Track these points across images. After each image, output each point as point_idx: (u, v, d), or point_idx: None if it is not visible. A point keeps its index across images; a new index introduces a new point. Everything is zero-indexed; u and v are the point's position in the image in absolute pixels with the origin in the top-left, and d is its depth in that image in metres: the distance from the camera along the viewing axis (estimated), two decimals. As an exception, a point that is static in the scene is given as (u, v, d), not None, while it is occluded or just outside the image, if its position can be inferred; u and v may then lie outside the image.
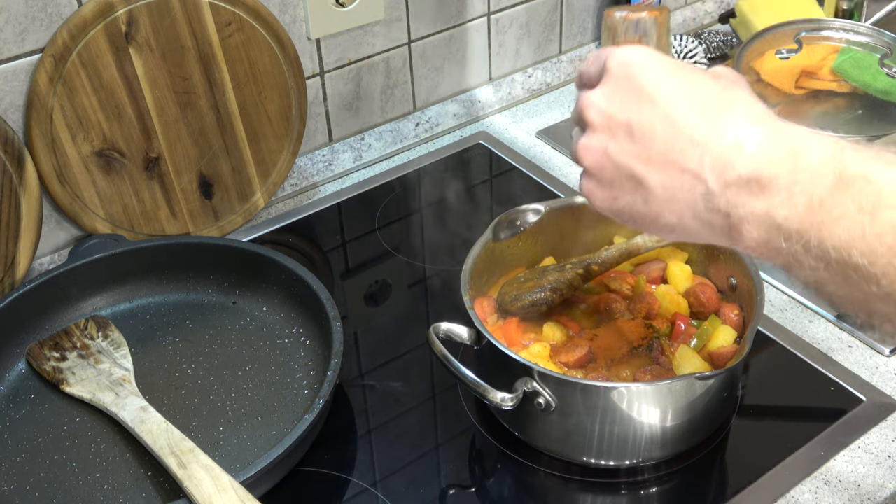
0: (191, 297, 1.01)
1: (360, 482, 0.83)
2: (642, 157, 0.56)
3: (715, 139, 0.53)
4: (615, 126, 0.57)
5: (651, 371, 0.82)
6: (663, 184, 0.56)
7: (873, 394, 0.89)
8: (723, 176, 0.53)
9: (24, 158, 0.96)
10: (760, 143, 0.53)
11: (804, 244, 0.51)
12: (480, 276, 0.90)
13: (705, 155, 0.54)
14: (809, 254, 0.51)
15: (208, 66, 1.04)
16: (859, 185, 0.50)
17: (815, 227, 0.50)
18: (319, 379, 0.89)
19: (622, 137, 0.57)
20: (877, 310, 0.52)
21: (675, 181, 0.55)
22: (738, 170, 0.52)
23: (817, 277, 0.52)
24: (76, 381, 0.90)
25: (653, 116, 0.55)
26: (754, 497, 0.80)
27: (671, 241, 0.72)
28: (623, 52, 0.58)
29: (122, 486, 0.81)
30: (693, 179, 0.54)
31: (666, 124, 0.55)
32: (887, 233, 0.49)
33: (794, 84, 1.27)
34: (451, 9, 1.24)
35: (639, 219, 0.59)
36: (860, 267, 0.50)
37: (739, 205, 0.53)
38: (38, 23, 0.95)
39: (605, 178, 0.58)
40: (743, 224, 0.53)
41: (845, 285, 0.51)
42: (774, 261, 0.54)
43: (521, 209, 0.93)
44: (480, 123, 1.33)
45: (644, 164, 0.56)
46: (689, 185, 0.55)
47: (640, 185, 0.57)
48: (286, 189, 1.20)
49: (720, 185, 0.53)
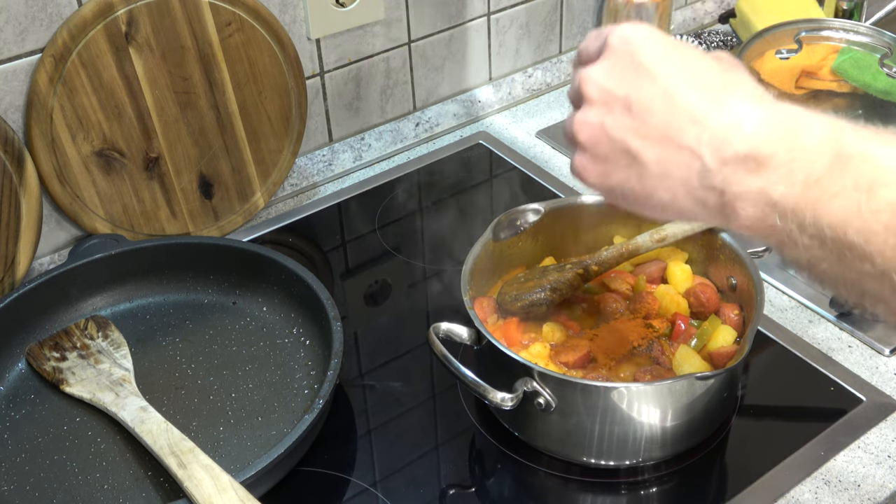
0: (191, 297, 1.01)
1: (360, 482, 0.83)
2: (639, 132, 0.55)
3: (713, 117, 0.53)
4: (613, 101, 0.56)
5: (651, 371, 0.82)
6: (658, 160, 0.55)
7: (873, 394, 0.89)
8: (720, 153, 0.53)
9: (24, 158, 0.96)
10: (759, 123, 0.52)
11: (799, 222, 0.51)
12: (480, 276, 0.90)
13: (703, 132, 0.53)
14: (804, 232, 0.51)
15: (208, 66, 1.04)
16: (857, 163, 0.50)
17: (811, 204, 0.50)
18: (319, 379, 0.89)
19: (619, 112, 0.56)
20: (869, 289, 0.51)
21: (671, 157, 0.55)
22: (736, 147, 0.52)
23: (811, 256, 0.52)
24: (76, 381, 0.90)
25: (652, 92, 0.55)
26: (754, 497, 0.80)
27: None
28: (625, 28, 0.57)
29: (122, 486, 0.81)
30: (689, 156, 0.54)
31: (665, 101, 0.55)
32: (883, 210, 0.48)
33: (794, 84, 1.27)
34: (451, 9, 1.24)
35: (631, 196, 0.58)
36: (855, 245, 0.49)
37: (735, 182, 0.53)
38: (38, 23, 0.95)
39: (599, 153, 0.58)
40: (738, 202, 0.53)
41: (839, 264, 0.51)
42: (768, 239, 0.54)
43: (520, 209, 0.93)
44: (480, 123, 1.33)
45: (640, 140, 0.55)
46: (685, 162, 0.54)
47: (634, 160, 0.56)
48: (286, 189, 1.20)
49: (717, 163, 0.53)
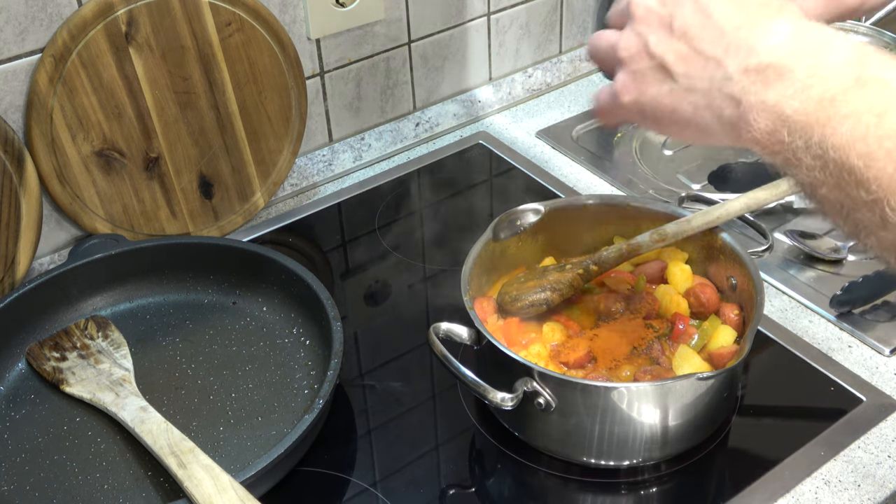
0: (191, 297, 1.01)
1: (360, 482, 0.83)
2: (677, 50, 0.58)
3: (744, 29, 0.55)
4: (657, 20, 0.59)
5: (651, 371, 0.82)
6: (687, 73, 0.58)
7: (873, 394, 0.89)
8: (744, 61, 0.55)
9: (24, 158, 0.96)
10: (788, 36, 0.54)
11: (806, 140, 0.52)
12: (480, 276, 0.90)
13: (731, 42, 0.56)
14: (809, 151, 0.52)
15: (208, 66, 1.04)
16: (875, 87, 0.51)
17: (821, 123, 0.51)
18: (319, 379, 0.89)
19: (661, 30, 0.59)
20: (862, 219, 0.52)
21: (699, 69, 0.57)
22: (761, 57, 0.54)
23: (812, 179, 0.53)
24: (76, 381, 0.90)
25: (692, 10, 0.58)
26: (754, 497, 0.80)
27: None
28: None
29: (122, 486, 0.81)
30: (715, 66, 0.56)
31: (703, 18, 0.57)
32: (889, 137, 0.49)
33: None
34: (451, 9, 1.24)
35: (659, 113, 0.60)
36: (855, 169, 0.50)
37: (752, 92, 0.54)
38: (38, 23, 0.95)
39: (638, 70, 0.60)
40: (752, 112, 0.54)
41: (837, 189, 0.52)
42: (774, 158, 0.55)
43: (521, 209, 0.93)
44: (480, 123, 1.33)
45: (675, 55, 0.58)
46: (709, 72, 0.57)
47: (668, 75, 0.59)
48: (286, 189, 1.20)
49: (739, 70, 0.55)
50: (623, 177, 1.20)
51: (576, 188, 1.19)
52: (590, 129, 1.31)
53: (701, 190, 1.14)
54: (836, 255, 1.03)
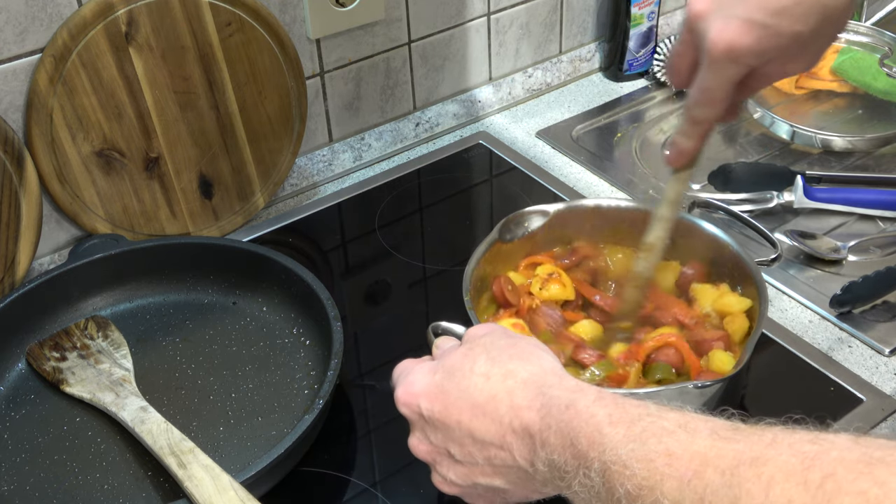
0: (191, 297, 1.01)
1: (360, 482, 0.83)
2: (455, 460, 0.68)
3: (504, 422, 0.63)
4: (439, 454, 0.68)
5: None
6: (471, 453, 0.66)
7: (873, 394, 0.89)
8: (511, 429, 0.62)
9: (24, 158, 0.96)
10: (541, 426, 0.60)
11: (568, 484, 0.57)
12: (481, 277, 0.90)
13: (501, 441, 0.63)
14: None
15: (208, 66, 1.04)
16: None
17: (564, 485, 0.57)
18: (319, 379, 0.89)
19: (447, 463, 0.68)
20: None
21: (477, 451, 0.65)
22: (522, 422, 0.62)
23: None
24: (76, 381, 0.90)
25: (457, 437, 0.66)
26: (754, 497, 0.80)
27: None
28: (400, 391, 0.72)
29: (122, 486, 0.81)
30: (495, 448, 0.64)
31: (465, 435, 0.65)
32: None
33: (795, 84, 1.27)
34: (451, 9, 1.24)
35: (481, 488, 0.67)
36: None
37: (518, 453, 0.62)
38: (38, 23, 0.95)
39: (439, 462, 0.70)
40: (532, 467, 0.61)
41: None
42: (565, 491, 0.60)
43: (528, 211, 0.93)
44: (480, 123, 1.33)
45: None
46: (488, 452, 0.64)
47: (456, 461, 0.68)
48: (286, 189, 1.20)
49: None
50: (623, 177, 1.20)
51: (576, 188, 1.19)
52: (590, 129, 1.31)
53: (701, 190, 1.14)
54: (836, 255, 1.03)
